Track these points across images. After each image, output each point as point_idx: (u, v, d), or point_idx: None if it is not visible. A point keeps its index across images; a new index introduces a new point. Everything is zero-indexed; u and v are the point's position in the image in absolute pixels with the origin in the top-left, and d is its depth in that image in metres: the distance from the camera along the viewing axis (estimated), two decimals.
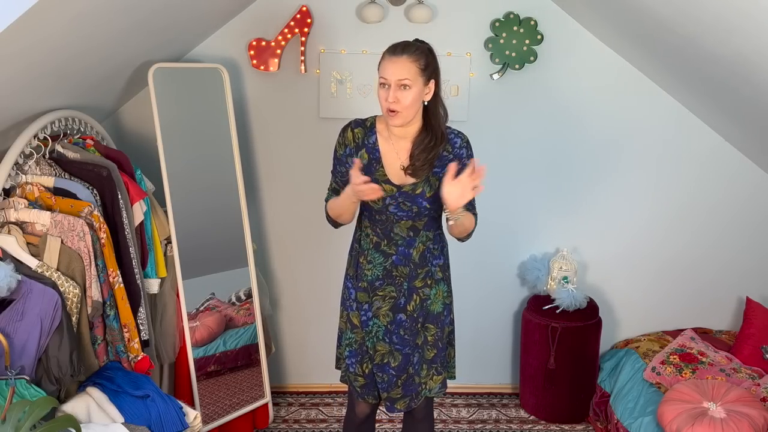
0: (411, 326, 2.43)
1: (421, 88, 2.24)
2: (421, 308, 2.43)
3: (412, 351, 2.44)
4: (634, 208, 3.56)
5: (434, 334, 2.45)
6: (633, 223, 3.58)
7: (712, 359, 3.20)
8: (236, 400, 3.19)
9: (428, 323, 2.45)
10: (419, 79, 2.22)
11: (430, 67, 2.25)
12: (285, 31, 3.23)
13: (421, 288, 2.42)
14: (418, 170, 2.30)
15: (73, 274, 2.32)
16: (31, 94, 2.41)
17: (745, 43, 2.40)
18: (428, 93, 2.27)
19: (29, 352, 2.15)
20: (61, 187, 2.51)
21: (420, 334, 2.45)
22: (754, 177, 3.51)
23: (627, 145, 3.49)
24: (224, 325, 3.20)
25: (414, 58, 2.22)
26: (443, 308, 2.47)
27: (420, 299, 2.43)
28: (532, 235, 3.59)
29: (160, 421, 2.33)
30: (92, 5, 2.12)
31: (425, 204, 2.32)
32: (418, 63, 2.22)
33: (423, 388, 2.47)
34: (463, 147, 2.35)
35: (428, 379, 2.47)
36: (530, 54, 3.32)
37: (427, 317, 2.45)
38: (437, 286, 2.45)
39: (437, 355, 2.46)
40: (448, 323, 2.51)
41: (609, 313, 3.63)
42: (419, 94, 2.24)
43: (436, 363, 2.47)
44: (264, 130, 3.44)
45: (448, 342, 2.55)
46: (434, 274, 2.44)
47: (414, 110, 2.26)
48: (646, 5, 2.66)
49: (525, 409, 3.57)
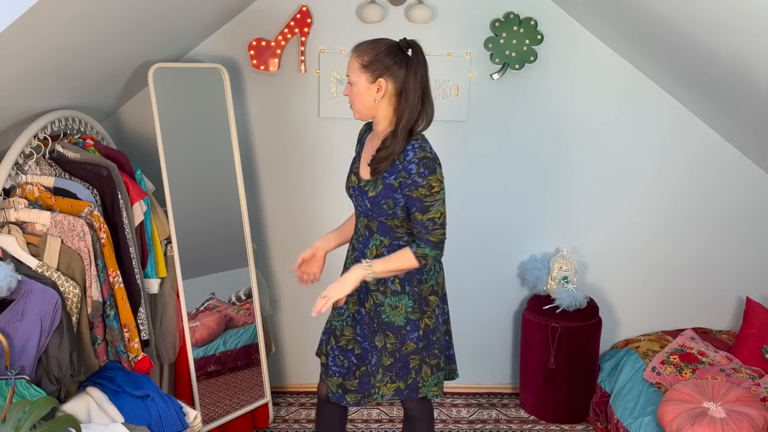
0: (369, 323, 2.43)
1: (365, 86, 2.22)
2: (375, 311, 2.40)
3: (371, 348, 2.43)
4: (634, 207, 3.56)
5: (393, 344, 2.39)
6: (633, 223, 3.58)
7: (712, 359, 3.20)
8: (236, 400, 3.19)
9: (388, 331, 2.39)
10: (362, 76, 2.22)
11: (375, 65, 2.20)
12: (285, 31, 3.23)
13: (374, 292, 2.38)
14: (374, 170, 2.31)
15: (73, 274, 2.32)
16: (31, 94, 2.41)
17: (744, 43, 2.40)
18: (379, 92, 2.23)
19: (29, 352, 2.15)
20: (61, 187, 2.51)
21: (380, 338, 2.41)
22: (753, 177, 3.51)
23: (627, 145, 3.49)
24: (224, 325, 3.20)
25: (358, 54, 2.23)
26: (405, 322, 2.37)
27: (374, 302, 2.39)
28: (532, 235, 3.59)
29: (160, 421, 2.33)
30: (92, 5, 2.12)
31: (367, 203, 2.33)
32: (361, 60, 2.22)
33: (375, 391, 2.43)
34: (413, 162, 2.20)
35: (382, 384, 2.43)
36: (530, 54, 3.32)
37: (383, 324, 2.39)
38: (395, 297, 2.36)
39: (393, 365, 2.40)
40: (414, 340, 2.39)
41: (609, 313, 3.63)
42: (364, 92, 2.23)
43: (392, 371, 2.41)
44: (264, 130, 3.44)
45: (422, 361, 2.42)
46: (389, 284, 2.36)
47: (364, 107, 2.26)
48: (646, 5, 2.66)
49: (525, 409, 3.58)
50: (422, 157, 2.21)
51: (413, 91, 2.22)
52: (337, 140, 3.45)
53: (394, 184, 2.25)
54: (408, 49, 2.24)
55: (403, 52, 2.23)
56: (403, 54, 2.23)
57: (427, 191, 2.21)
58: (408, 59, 2.22)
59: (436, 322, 2.43)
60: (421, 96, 2.23)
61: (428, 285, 2.40)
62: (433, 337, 2.43)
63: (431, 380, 2.45)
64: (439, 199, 2.23)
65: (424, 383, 2.44)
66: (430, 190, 2.21)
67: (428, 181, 2.20)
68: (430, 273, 2.40)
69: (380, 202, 2.28)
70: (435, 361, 2.45)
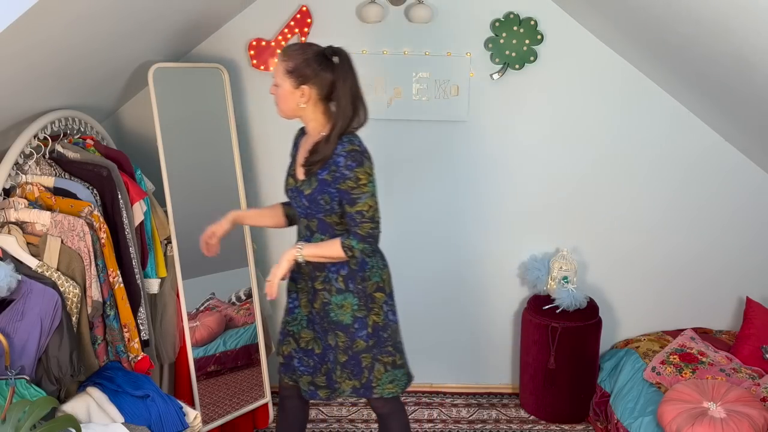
0: (320, 322, 2.47)
1: (289, 90, 2.29)
2: (323, 311, 2.44)
3: (327, 347, 2.48)
4: (634, 207, 3.56)
5: (344, 342, 2.43)
6: (633, 223, 3.58)
7: (712, 359, 3.20)
8: (236, 400, 3.19)
9: (337, 330, 2.43)
10: (286, 81, 2.29)
11: (299, 72, 2.26)
12: (285, 31, 3.23)
13: (321, 291, 2.43)
14: (307, 171, 2.35)
15: (73, 274, 2.32)
16: (31, 94, 2.41)
17: (744, 43, 2.40)
18: (302, 97, 2.29)
19: (29, 352, 2.15)
20: (61, 187, 2.51)
21: (332, 336, 2.45)
22: (754, 177, 3.51)
23: (627, 145, 3.49)
24: (224, 325, 3.20)
25: (283, 59, 2.29)
26: (353, 321, 2.41)
27: (321, 302, 2.44)
28: (532, 235, 3.59)
29: (160, 421, 2.33)
30: (92, 6, 2.12)
31: (304, 202, 2.36)
32: (286, 65, 2.28)
33: (338, 386, 2.50)
34: (341, 155, 2.26)
35: (342, 381, 2.48)
36: (530, 54, 3.32)
37: (332, 323, 2.43)
38: (340, 295, 2.40)
39: (348, 362, 2.45)
40: (363, 338, 2.42)
41: (609, 313, 3.63)
42: (288, 96, 2.30)
43: (347, 369, 2.46)
44: (264, 130, 3.44)
45: (374, 359, 2.45)
46: (333, 282, 2.40)
47: (288, 108, 2.33)
48: (646, 5, 2.66)
49: (525, 409, 3.57)
50: (350, 150, 2.26)
51: (344, 98, 2.28)
52: None
53: (328, 179, 2.30)
54: (334, 56, 2.29)
55: (329, 60, 2.29)
56: (329, 62, 2.28)
57: (353, 183, 2.26)
58: (334, 67, 2.28)
59: (385, 318, 2.46)
60: (352, 101, 2.29)
61: (372, 282, 2.43)
62: (384, 334, 2.46)
63: (385, 378, 2.47)
64: (366, 191, 2.28)
65: (378, 382, 2.47)
66: (357, 182, 2.26)
67: (355, 174, 2.25)
68: (373, 270, 2.43)
69: (317, 198, 2.33)
70: (389, 359, 2.47)
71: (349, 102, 2.29)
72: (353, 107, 2.29)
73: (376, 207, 2.32)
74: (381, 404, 2.57)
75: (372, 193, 2.30)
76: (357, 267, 2.40)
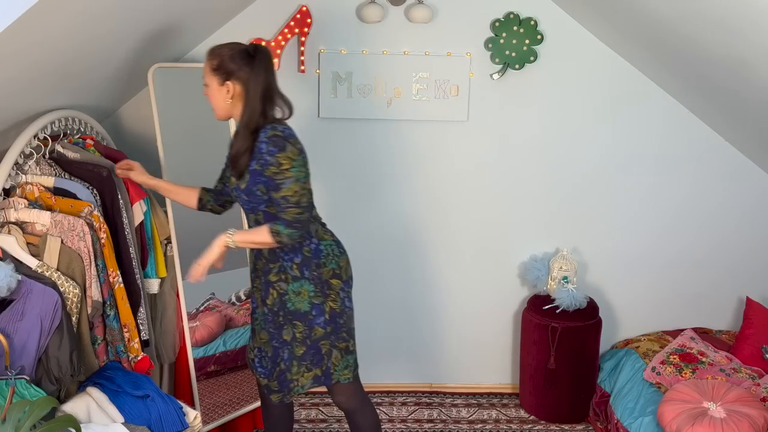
0: (273, 320, 2.51)
1: (216, 88, 2.38)
2: (280, 302, 2.48)
3: (280, 345, 2.51)
4: (634, 208, 3.56)
5: (302, 332, 2.47)
6: (633, 223, 3.58)
7: (712, 359, 3.20)
8: (236, 400, 3.19)
9: (295, 320, 2.47)
10: (213, 79, 2.37)
11: (223, 68, 2.35)
12: (285, 31, 3.23)
13: (276, 282, 2.47)
14: (234, 167, 2.40)
15: (73, 274, 2.32)
16: (31, 94, 2.41)
17: (744, 44, 2.40)
18: (228, 93, 2.37)
19: (29, 352, 2.15)
20: (61, 187, 2.50)
21: (287, 330, 2.49)
22: (754, 177, 3.51)
23: (627, 145, 3.49)
24: (224, 325, 3.20)
25: (209, 58, 2.38)
26: (311, 308, 2.46)
27: (277, 293, 2.48)
28: (532, 235, 3.59)
29: (160, 421, 2.33)
30: (92, 5, 2.12)
31: (243, 196, 2.41)
32: (211, 63, 2.37)
33: (295, 384, 2.52)
34: (263, 142, 2.31)
35: (300, 375, 2.51)
36: (530, 54, 3.32)
37: (290, 313, 2.47)
38: (296, 282, 2.45)
39: (307, 353, 2.49)
40: (321, 324, 2.47)
41: (609, 313, 3.63)
42: (216, 93, 2.38)
43: (306, 360, 2.50)
44: None
45: (332, 345, 2.50)
46: (289, 270, 2.44)
47: (219, 107, 2.41)
48: (646, 5, 2.66)
49: (525, 409, 3.57)
50: (271, 136, 2.31)
51: (253, 92, 2.34)
52: (336, 140, 3.45)
53: (257, 168, 2.34)
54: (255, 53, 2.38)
55: (250, 57, 2.36)
56: (250, 58, 2.36)
57: (276, 168, 2.29)
58: (252, 63, 2.35)
59: (342, 305, 2.50)
60: (262, 96, 2.34)
61: (328, 269, 2.47)
62: (340, 321, 2.50)
63: (341, 364, 2.53)
64: (290, 176, 2.30)
65: (335, 368, 2.52)
66: (279, 167, 2.29)
67: (277, 159, 2.29)
68: (328, 257, 2.47)
69: (253, 190, 2.37)
70: (343, 344, 2.52)
71: (259, 97, 2.34)
72: (263, 102, 2.35)
73: (302, 192, 2.34)
74: (344, 399, 2.61)
75: (296, 178, 2.33)
76: (311, 254, 2.44)
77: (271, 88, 2.38)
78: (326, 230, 2.53)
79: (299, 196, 2.33)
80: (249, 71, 2.34)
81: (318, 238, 2.47)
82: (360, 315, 3.61)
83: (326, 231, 2.53)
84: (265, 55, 2.38)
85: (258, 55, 2.36)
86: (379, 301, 3.63)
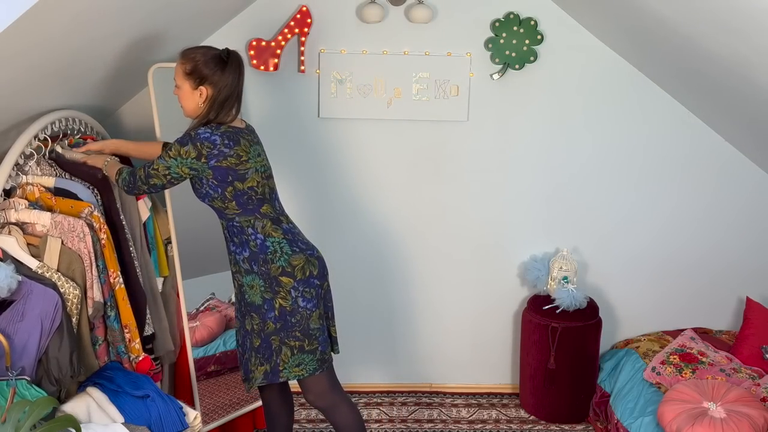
0: (239, 308, 2.59)
1: (189, 91, 2.44)
2: (241, 294, 2.55)
3: (245, 334, 2.58)
4: (634, 207, 3.56)
5: (258, 324, 2.52)
6: (633, 223, 3.58)
7: (712, 359, 3.20)
8: (236, 400, 3.19)
9: (252, 312, 2.53)
10: (186, 82, 2.44)
11: (197, 73, 2.41)
12: (285, 31, 3.23)
13: (236, 274, 2.55)
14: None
15: (74, 274, 2.32)
16: (31, 95, 2.41)
17: (744, 43, 2.40)
18: (201, 97, 2.44)
19: (29, 352, 2.15)
20: (61, 188, 2.50)
21: (248, 320, 2.55)
22: (754, 177, 3.51)
23: (626, 145, 3.49)
24: (224, 325, 3.20)
25: (182, 61, 2.44)
26: (263, 302, 2.50)
27: (238, 284, 2.56)
28: (532, 235, 3.59)
29: (160, 421, 2.33)
30: (92, 5, 2.12)
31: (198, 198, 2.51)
32: (184, 67, 2.43)
33: (252, 375, 2.57)
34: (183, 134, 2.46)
35: (255, 368, 2.56)
36: (530, 54, 3.32)
37: (248, 305, 2.53)
38: (249, 276, 2.50)
39: (261, 346, 2.53)
40: (272, 319, 2.50)
41: (609, 313, 3.63)
42: (188, 96, 2.45)
43: (260, 354, 2.54)
44: (264, 130, 3.42)
45: (281, 342, 2.51)
46: (240, 263, 2.51)
47: (190, 109, 2.47)
48: (646, 5, 2.66)
49: (525, 409, 3.58)
50: (188, 132, 2.42)
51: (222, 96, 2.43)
52: (337, 140, 3.45)
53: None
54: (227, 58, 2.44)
55: (223, 62, 2.43)
56: (223, 63, 2.42)
57: (165, 150, 2.41)
58: (224, 68, 2.42)
59: (293, 304, 2.50)
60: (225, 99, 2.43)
61: (276, 266, 2.48)
62: (291, 319, 2.50)
63: (292, 361, 2.53)
64: (166, 159, 2.38)
65: (284, 365, 2.53)
66: (167, 151, 2.39)
67: (172, 145, 2.39)
68: (276, 254, 2.48)
69: (194, 186, 2.47)
70: (296, 343, 2.52)
71: (223, 100, 2.43)
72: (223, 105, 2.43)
73: (159, 175, 2.40)
74: (312, 397, 2.63)
75: (168, 166, 2.39)
76: (257, 249, 2.48)
77: (236, 93, 2.47)
78: (279, 228, 2.51)
79: (156, 174, 2.40)
80: (221, 76, 2.41)
81: (264, 234, 2.48)
82: (360, 315, 3.63)
83: (277, 229, 2.50)
84: (237, 61, 2.45)
85: (231, 61, 2.44)
86: (378, 301, 3.63)
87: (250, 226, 2.47)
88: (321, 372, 2.57)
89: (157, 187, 2.46)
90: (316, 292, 2.54)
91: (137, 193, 2.50)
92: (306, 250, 2.54)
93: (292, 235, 2.53)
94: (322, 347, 2.57)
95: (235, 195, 2.43)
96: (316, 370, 2.56)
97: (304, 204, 3.49)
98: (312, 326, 2.53)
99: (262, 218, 2.49)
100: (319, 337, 2.56)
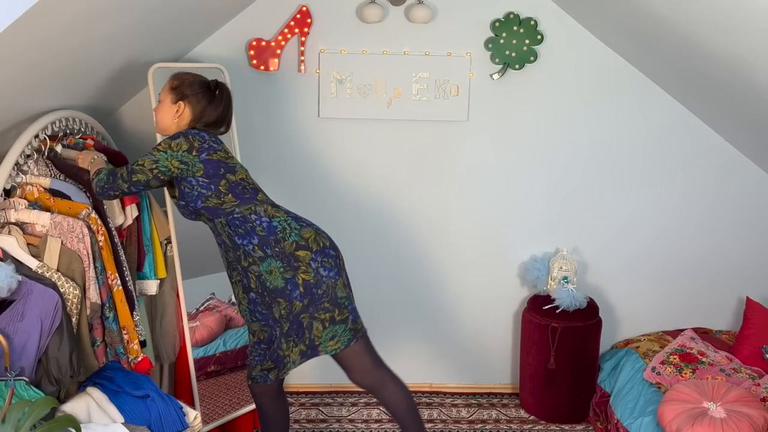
0: (262, 301, 2.56)
1: (168, 105, 2.54)
2: (260, 283, 2.53)
3: (273, 323, 2.56)
4: (634, 207, 3.56)
5: (285, 308, 2.51)
6: (633, 223, 3.58)
7: (712, 359, 3.20)
8: (236, 400, 3.19)
9: (278, 297, 2.51)
10: (168, 96, 2.55)
11: (181, 89, 2.53)
12: (285, 31, 3.23)
13: (249, 266, 2.52)
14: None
15: (73, 275, 2.32)
16: (31, 95, 2.41)
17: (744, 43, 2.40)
18: (177, 112, 2.53)
19: (29, 352, 2.15)
20: (56, 189, 2.50)
21: (275, 308, 2.53)
22: (754, 177, 3.51)
23: (626, 145, 3.49)
24: (224, 325, 3.20)
25: (171, 78, 2.57)
26: (285, 283, 2.49)
27: (255, 276, 2.53)
28: (532, 235, 3.59)
29: (160, 421, 2.33)
30: (92, 5, 2.12)
31: (182, 203, 2.52)
32: (172, 83, 2.56)
33: (287, 360, 2.57)
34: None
35: (289, 351, 2.56)
36: (530, 54, 3.32)
37: (271, 292, 2.51)
38: (264, 262, 2.49)
39: (291, 328, 2.52)
40: (298, 298, 2.49)
41: (609, 313, 3.63)
42: (166, 110, 2.54)
43: (291, 336, 2.53)
44: (264, 130, 3.43)
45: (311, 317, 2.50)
46: (251, 253, 2.50)
47: (163, 123, 2.56)
48: (646, 5, 2.66)
49: (525, 409, 3.58)
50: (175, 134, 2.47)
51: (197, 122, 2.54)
52: (337, 140, 3.45)
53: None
54: (216, 89, 2.57)
55: (210, 91, 2.56)
56: (210, 93, 2.55)
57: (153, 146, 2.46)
58: (211, 96, 2.55)
59: (316, 275, 2.50)
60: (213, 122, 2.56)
61: (290, 242, 2.50)
62: (317, 291, 2.50)
63: (325, 335, 2.52)
64: (153, 155, 2.43)
65: (319, 340, 2.53)
66: (156, 146, 2.45)
67: (161, 141, 2.45)
68: (285, 231, 2.50)
69: (184, 191, 2.48)
70: (326, 315, 2.52)
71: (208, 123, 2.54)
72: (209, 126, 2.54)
73: (145, 170, 2.43)
74: (358, 377, 2.64)
75: (156, 159, 2.43)
76: (265, 232, 2.48)
77: (227, 121, 2.60)
78: (280, 209, 2.56)
79: (140, 169, 2.43)
80: (206, 104, 2.53)
81: (268, 216, 2.50)
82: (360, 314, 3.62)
83: (279, 210, 2.55)
84: (225, 94, 2.58)
85: (219, 93, 2.56)
86: (378, 301, 3.62)
87: (253, 213, 2.49)
88: (356, 342, 2.57)
89: (139, 185, 2.45)
90: (334, 261, 2.55)
91: (112, 194, 2.48)
92: (312, 224, 2.59)
93: (294, 214, 2.58)
94: (353, 316, 2.57)
95: (229, 187, 2.47)
96: (351, 341, 2.55)
97: (303, 204, 3.48)
98: (339, 294, 2.53)
99: (261, 204, 2.53)
100: (348, 306, 2.56)
